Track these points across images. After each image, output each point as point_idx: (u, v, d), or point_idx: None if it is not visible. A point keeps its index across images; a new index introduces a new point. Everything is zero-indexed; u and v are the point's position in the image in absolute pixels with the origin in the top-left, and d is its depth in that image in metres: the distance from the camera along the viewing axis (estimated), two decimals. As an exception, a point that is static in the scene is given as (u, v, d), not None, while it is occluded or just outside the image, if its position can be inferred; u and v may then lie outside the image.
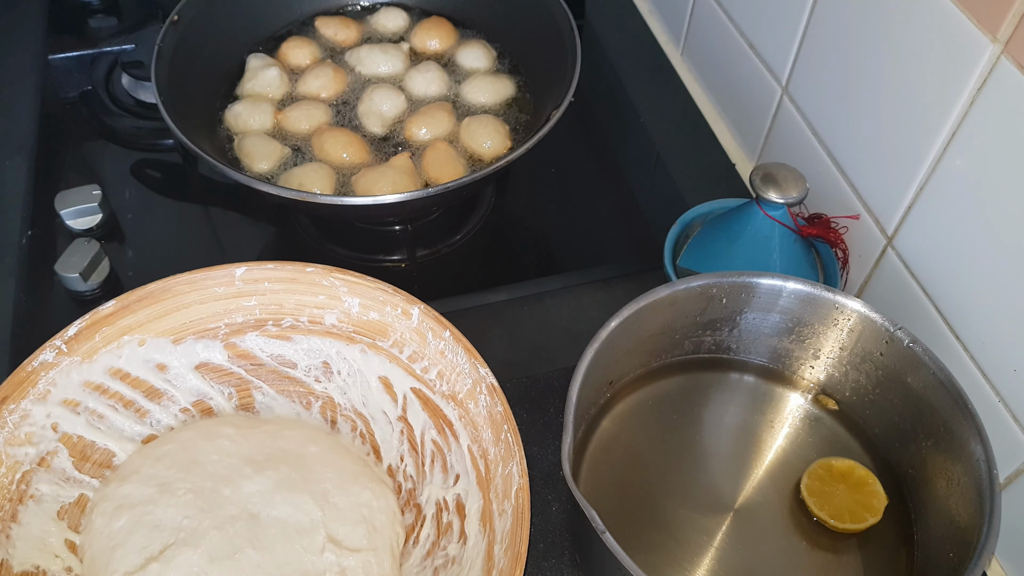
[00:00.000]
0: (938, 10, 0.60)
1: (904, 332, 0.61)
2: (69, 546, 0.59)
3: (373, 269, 0.74)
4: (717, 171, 0.92)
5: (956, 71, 0.59)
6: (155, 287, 0.64)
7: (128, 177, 0.90)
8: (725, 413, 0.68)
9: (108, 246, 0.82)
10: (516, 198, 0.92)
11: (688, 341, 0.69)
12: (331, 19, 0.94)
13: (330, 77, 0.88)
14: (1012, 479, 0.63)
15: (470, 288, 0.81)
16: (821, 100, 0.77)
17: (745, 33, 0.88)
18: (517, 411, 0.70)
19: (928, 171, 0.65)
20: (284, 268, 0.66)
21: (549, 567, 0.64)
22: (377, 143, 0.84)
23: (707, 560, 0.60)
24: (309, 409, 0.68)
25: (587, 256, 0.86)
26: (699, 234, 0.78)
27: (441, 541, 0.59)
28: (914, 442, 0.62)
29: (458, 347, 0.61)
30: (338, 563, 0.57)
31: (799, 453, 0.66)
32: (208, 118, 0.85)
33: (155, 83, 0.76)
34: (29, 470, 0.59)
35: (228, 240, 0.87)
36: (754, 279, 0.65)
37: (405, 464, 0.64)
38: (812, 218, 0.75)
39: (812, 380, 0.69)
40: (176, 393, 0.66)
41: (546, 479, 0.68)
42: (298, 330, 0.67)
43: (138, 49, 0.93)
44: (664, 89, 1.01)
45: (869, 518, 0.61)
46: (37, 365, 0.60)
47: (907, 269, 0.69)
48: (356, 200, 0.71)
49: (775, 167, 0.71)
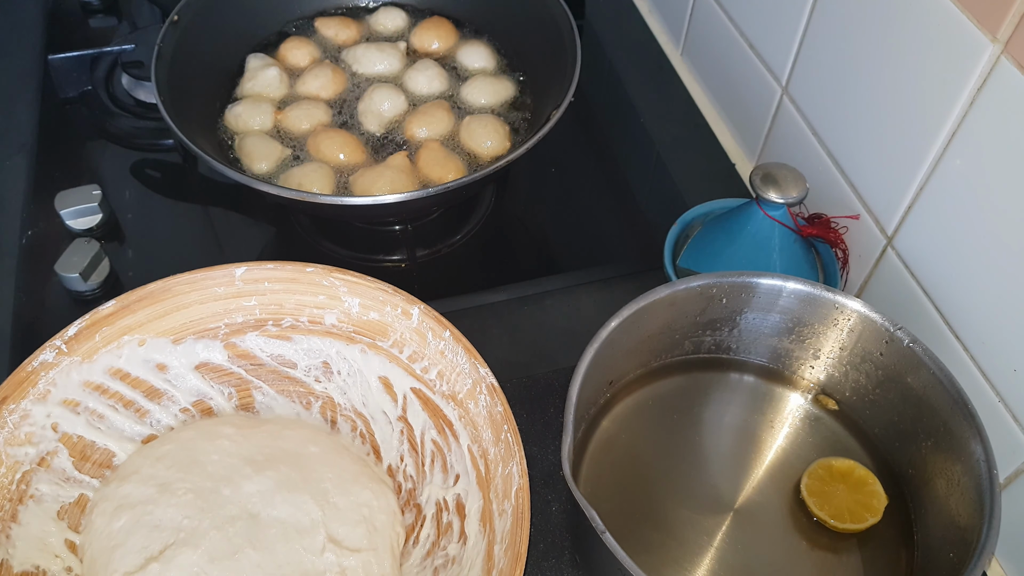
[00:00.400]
0: (938, 10, 0.60)
1: (904, 332, 0.61)
2: (69, 546, 0.59)
3: (373, 269, 0.74)
4: (717, 171, 0.92)
5: (956, 71, 0.59)
6: (155, 287, 0.64)
7: (128, 177, 0.90)
8: (725, 413, 0.68)
9: (108, 246, 0.82)
10: (516, 198, 0.92)
11: (688, 341, 0.69)
12: (331, 19, 0.94)
13: (329, 77, 0.88)
14: (1012, 479, 0.63)
15: (470, 288, 0.81)
16: (821, 100, 0.77)
17: (745, 33, 0.88)
18: (517, 411, 0.70)
19: (928, 171, 0.65)
20: (284, 268, 0.66)
21: (549, 567, 0.64)
22: (374, 143, 0.84)
23: (707, 560, 0.60)
24: (309, 409, 0.68)
25: (587, 256, 0.86)
26: (699, 234, 0.78)
27: (441, 541, 0.59)
28: (914, 442, 0.62)
29: (458, 347, 0.61)
30: (338, 563, 0.57)
31: (799, 453, 0.66)
32: (208, 118, 0.85)
33: (155, 83, 0.76)
34: (29, 470, 0.59)
35: (228, 240, 0.87)
36: (754, 279, 0.65)
37: (405, 464, 0.64)
38: (812, 218, 0.75)
39: (812, 380, 0.69)
40: (176, 393, 0.66)
41: (546, 479, 0.68)
42: (298, 330, 0.67)
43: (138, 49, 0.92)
44: (664, 89, 1.01)
45: (869, 518, 0.61)
46: (37, 365, 0.60)
47: (907, 269, 0.69)
48: (356, 200, 0.71)
49: (775, 167, 0.71)
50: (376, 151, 0.84)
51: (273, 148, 0.82)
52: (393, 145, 0.84)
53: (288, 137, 0.84)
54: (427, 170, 0.80)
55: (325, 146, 0.81)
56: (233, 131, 0.84)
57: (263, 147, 0.81)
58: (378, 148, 0.84)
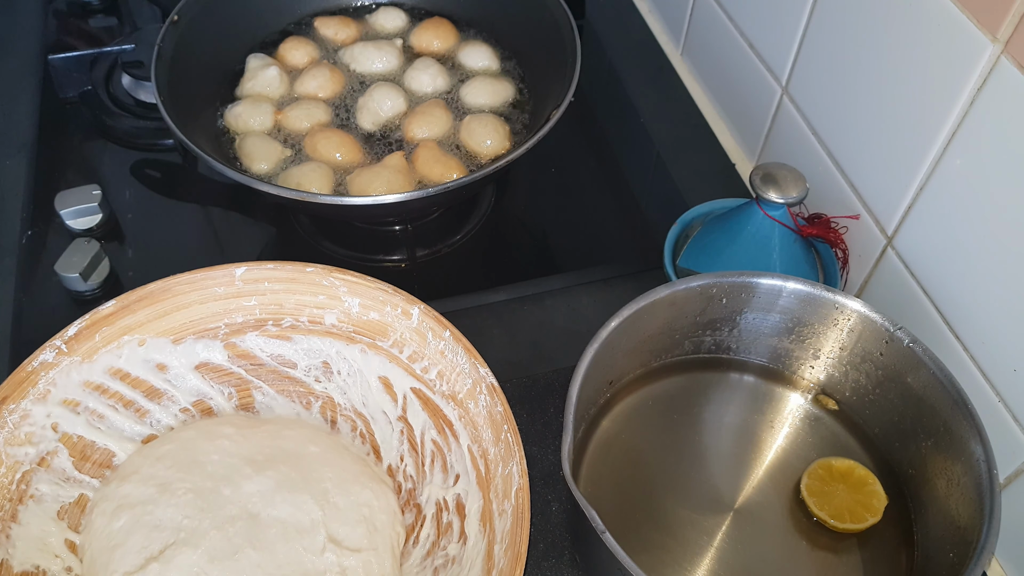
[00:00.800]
0: (938, 10, 0.60)
1: (904, 332, 0.61)
2: (69, 546, 0.59)
3: (373, 269, 0.74)
4: (717, 171, 0.92)
5: (956, 71, 0.59)
6: (155, 287, 0.64)
7: (128, 177, 0.90)
8: (725, 413, 0.68)
9: (108, 246, 0.82)
10: (516, 198, 0.92)
11: (688, 341, 0.69)
12: (330, 19, 0.94)
13: (327, 76, 0.88)
14: (1012, 479, 0.63)
15: (470, 288, 0.81)
16: (821, 100, 0.77)
17: (745, 33, 0.88)
18: (517, 411, 0.70)
19: (928, 171, 0.65)
20: (284, 268, 0.66)
21: (549, 567, 0.64)
22: (371, 143, 0.84)
23: (707, 560, 0.60)
24: (309, 409, 0.68)
25: (587, 256, 0.86)
26: (699, 234, 0.78)
27: (441, 541, 0.59)
28: (914, 442, 0.62)
29: (458, 347, 0.61)
30: (338, 563, 0.57)
31: (799, 453, 0.66)
32: (208, 118, 0.85)
33: (155, 83, 0.76)
34: (29, 470, 0.59)
35: (228, 240, 0.87)
36: (754, 279, 0.65)
37: (405, 464, 0.64)
38: (812, 218, 0.75)
39: (812, 380, 0.69)
40: (176, 393, 0.66)
41: (546, 479, 0.68)
42: (298, 330, 0.67)
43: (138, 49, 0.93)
44: (664, 89, 1.01)
45: (869, 518, 0.61)
46: (37, 365, 0.60)
47: (907, 269, 0.69)
48: (356, 200, 0.71)
49: (775, 167, 0.71)
50: (373, 151, 0.84)
51: (273, 148, 0.82)
52: (388, 144, 0.84)
53: (288, 137, 0.84)
54: (426, 170, 0.80)
55: (322, 146, 0.81)
56: (233, 131, 0.84)
57: (263, 147, 0.81)
58: (375, 148, 0.84)
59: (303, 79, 0.88)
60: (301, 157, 0.82)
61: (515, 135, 0.85)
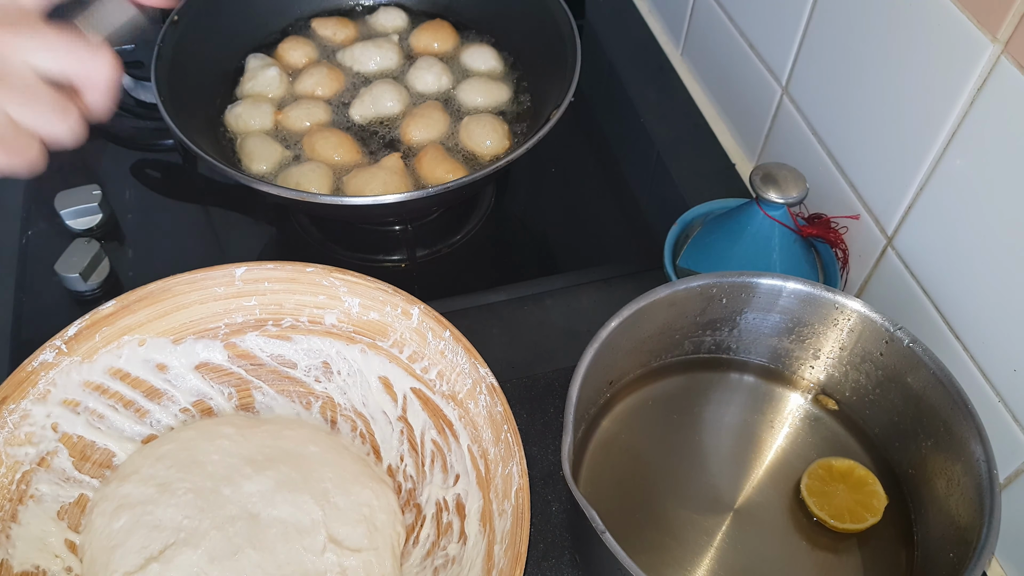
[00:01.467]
0: (938, 10, 0.60)
1: (904, 332, 0.61)
2: (69, 546, 0.59)
3: (373, 269, 0.74)
4: (717, 171, 0.92)
5: (956, 71, 0.59)
6: (155, 287, 0.64)
7: (128, 177, 0.90)
8: (725, 413, 0.68)
9: (108, 246, 0.82)
10: (516, 198, 0.92)
11: (688, 341, 0.69)
12: (329, 19, 0.94)
13: (325, 75, 0.88)
14: (1012, 479, 0.63)
15: (470, 288, 0.81)
16: (821, 100, 0.77)
17: (745, 33, 0.88)
18: (517, 411, 0.70)
19: (928, 171, 0.65)
20: (284, 268, 0.66)
21: (549, 567, 0.64)
22: (369, 143, 0.84)
23: (707, 560, 0.60)
24: (309, 409, 0.68)
25: (587, 256, 0.86)
26: (699, 234, 0.78)
27: (441, 541, 0.59)
28: (914, 442, 0.62)
29: (458, 347, 0.61)
30: (339, 563, 0.57)
31: (799, 453, 0.66)
32: (208, 118, 0.85)
33: (155, 83, 0.76)
34: (29, 470, 0.59)
35: (228, 240, 0.87)
36: (754, 279, 0.65)
37: (405, 464, 0.64)
38: (812, 218, 0.75)
39: (812, 380, 0.69)
40: (176, 393, 0.66)
41: (546, 479, 0.68)
42: (298, 330, 0.67)
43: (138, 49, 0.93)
44: (664, 89, 1.01)
45: (869, 518, 0.61)
46: (37, 365, 0.60)
47: (907, 269, 0.69)
48: (356, 200, 0.71)
49: (775, 167, 0.71)
50: (371, 151, 0.84)
51: (273, 149, 0.82)
52: (385, 144, 0.84)
53: (289, 137, 0.84)
54: (426, 170, 0.80)
55: (320, 146, 0.81)
56: (233, 131, 0.84)
57: (263, 147, 0.81)
58: (373, 148, 0.84)
59: (302, 78, 0.88)
60: (301, 157, 0.82)
61: (515, 135, 0.85)
